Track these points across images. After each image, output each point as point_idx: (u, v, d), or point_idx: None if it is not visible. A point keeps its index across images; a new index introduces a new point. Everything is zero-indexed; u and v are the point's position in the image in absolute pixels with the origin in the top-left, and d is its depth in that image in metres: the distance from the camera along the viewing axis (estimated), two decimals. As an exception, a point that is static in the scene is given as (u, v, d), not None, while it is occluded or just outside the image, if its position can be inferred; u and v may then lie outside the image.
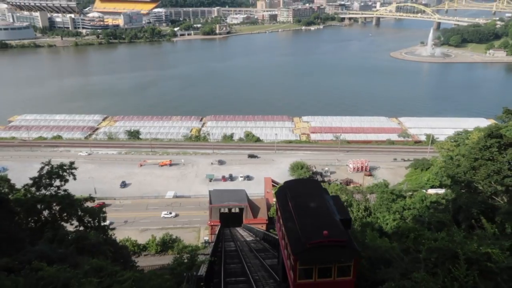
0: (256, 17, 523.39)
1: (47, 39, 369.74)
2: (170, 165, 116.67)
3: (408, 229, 19.23)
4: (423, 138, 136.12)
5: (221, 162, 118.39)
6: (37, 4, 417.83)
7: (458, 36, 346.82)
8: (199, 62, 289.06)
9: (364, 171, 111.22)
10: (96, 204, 64.46)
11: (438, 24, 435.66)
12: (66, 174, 32.51)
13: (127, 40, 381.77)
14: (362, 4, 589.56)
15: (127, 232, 77.43)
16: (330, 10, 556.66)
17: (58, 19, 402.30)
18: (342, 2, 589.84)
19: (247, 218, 76.73)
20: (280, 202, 17.93)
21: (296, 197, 16.77)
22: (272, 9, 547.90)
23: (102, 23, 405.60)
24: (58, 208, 31.72)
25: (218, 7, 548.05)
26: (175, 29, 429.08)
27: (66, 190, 32.79)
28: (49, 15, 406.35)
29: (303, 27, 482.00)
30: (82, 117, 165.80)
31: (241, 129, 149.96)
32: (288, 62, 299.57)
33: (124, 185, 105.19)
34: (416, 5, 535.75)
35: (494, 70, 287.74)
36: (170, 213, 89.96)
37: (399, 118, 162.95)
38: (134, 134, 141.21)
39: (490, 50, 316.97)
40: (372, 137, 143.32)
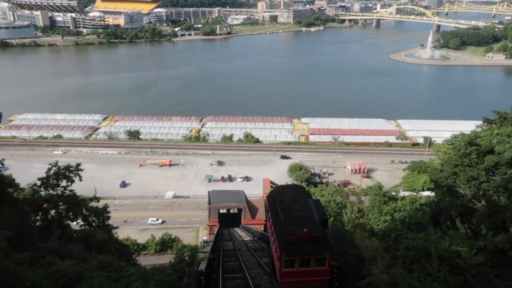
0: (256, 18, 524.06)
1: (48, 38, 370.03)
2: (170, 165, 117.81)
3: (390, 229, 20.86)
4: (421, 140, 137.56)
5: (220, 163, 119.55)
6: (38, 3, 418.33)
7: (457, 38, 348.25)
8: (199, 63, 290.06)
9: (362, 173, 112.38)
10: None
11: (438, 26, 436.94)
12: (72, 175, 33.90)
13: (128, 40, 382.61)
14: (363, 6, 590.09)
15: (127, 231, 78.54)
16: (331, 12, 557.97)
17: (59, 18, 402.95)
18: (343, 4, 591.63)
19: (246, 219, 77.51)
20: (270, 204, 20.91)
21: (283, 200, 19.82)
22: (272, 10, 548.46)
23: (103, 23, 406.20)
24: (64, 207, 33.14)
25: (218, 8, 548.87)
26: (176, 29, 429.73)
27: (72, 190, 34.20)
28: (50, 14, 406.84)
29: (304, 28, 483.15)
30: (82, 116, 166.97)
31: (240, 130, 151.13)
32: (287, 63, 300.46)
33: (124, 185, 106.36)
34: (416, 7, 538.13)
35: (493, 73, 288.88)
36: (157, 219, 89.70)
37: (398, 121, 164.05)
38: (134, 134, 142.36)
39: (489, 53, 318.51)
40: (370, 139, 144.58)
